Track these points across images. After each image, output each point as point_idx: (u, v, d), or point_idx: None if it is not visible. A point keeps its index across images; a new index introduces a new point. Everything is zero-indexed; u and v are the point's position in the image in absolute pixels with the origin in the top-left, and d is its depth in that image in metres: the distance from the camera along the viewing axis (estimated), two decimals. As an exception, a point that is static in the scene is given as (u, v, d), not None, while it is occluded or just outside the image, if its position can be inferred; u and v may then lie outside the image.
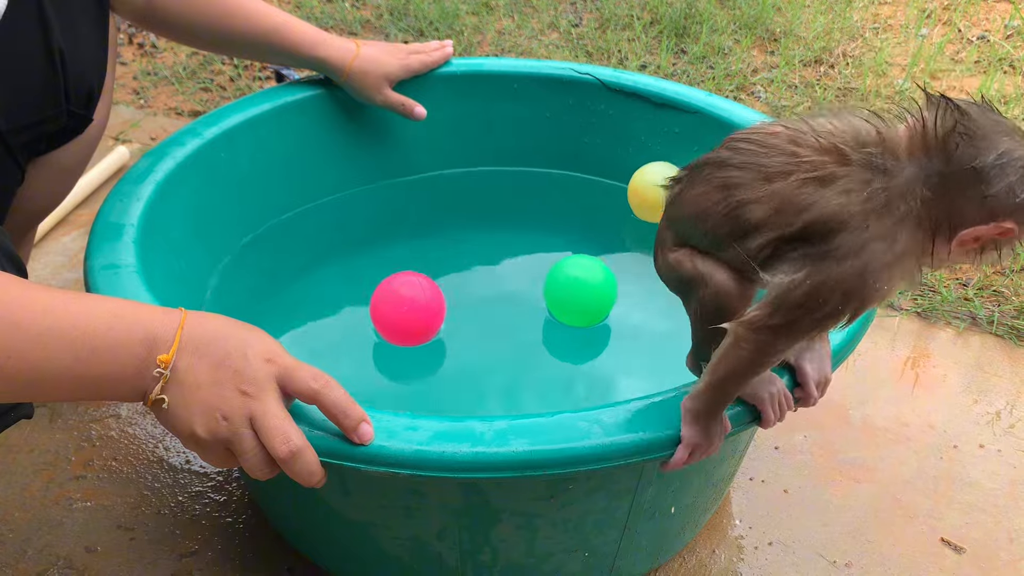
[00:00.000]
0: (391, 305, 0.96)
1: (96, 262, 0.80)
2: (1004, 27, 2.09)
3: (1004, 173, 0.53)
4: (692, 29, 2.03)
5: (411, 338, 0.98)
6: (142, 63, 1.90)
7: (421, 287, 0.97)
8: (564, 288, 1.01)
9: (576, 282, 1.00)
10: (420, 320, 0.97)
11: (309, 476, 0.62)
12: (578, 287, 1.00)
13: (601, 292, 1.01)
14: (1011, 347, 1.21)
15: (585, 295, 1.01)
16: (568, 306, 1.02)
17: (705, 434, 0.65)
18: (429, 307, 0.97)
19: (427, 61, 1.15)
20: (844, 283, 0.56)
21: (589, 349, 1.03)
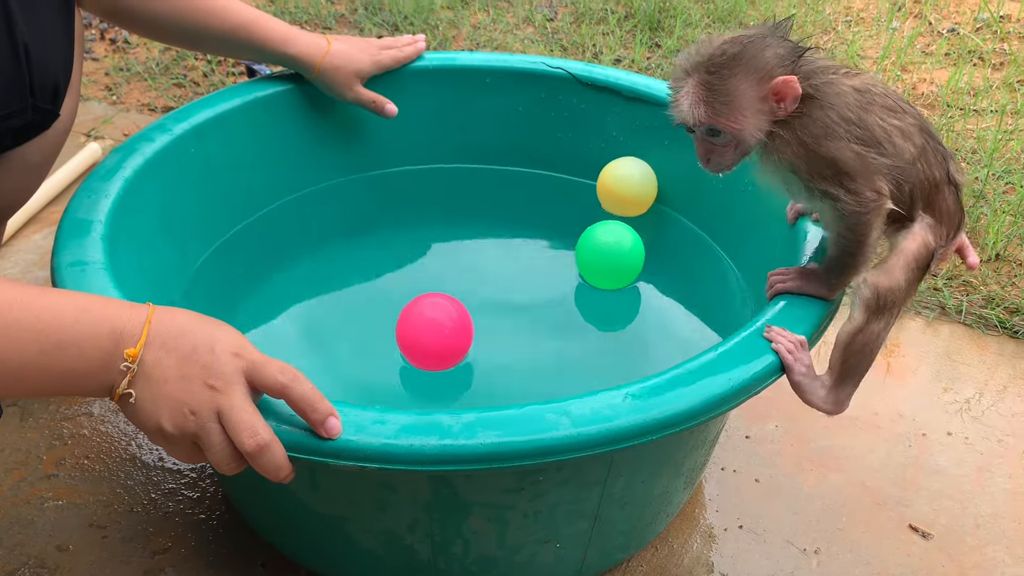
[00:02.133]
0: (423, 332, 0.93)
1: (63, 259, 0.79)
2: (973, 20, 2.12)
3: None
4: (666, 23, 2.04)
5: (441, 363, 0.95)
6: (114, 59, 1.88)
7: (449, 312, 0.94)
8: (599, 252, 1.08)
9: (610, 247, 1.08)
10: (451, 347, 0.94)
11: (276, 470, 0.62)
12: (612, 251, 1.08)
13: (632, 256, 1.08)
14: (979, 336, 1.22)
15: (617, 258, 1.08)
16: (602, 269, 1.09)
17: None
18: (460, 333, 0.94)
19: (399, 57, 1.15)
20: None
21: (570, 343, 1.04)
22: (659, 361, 0.76)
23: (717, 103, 0.72)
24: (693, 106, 0.73)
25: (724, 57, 0.71)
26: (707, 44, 0.73)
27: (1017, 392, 1.13)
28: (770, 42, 0.72)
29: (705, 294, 1.09)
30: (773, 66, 0.71)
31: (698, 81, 0.72)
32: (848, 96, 0.73)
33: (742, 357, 0.72)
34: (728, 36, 0.73)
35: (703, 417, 0.69)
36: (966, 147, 1.61)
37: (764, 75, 0.71)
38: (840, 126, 0.72)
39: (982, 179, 1.49)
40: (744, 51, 0.71)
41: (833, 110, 0.72)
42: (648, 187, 1.13)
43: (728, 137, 0.74)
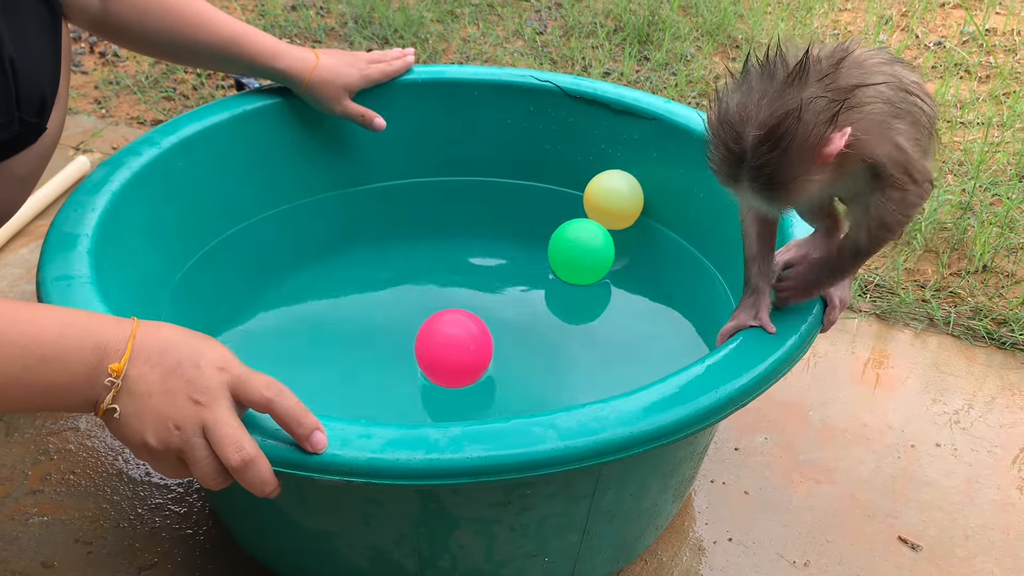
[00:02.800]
0: (446, 349, 0.92)
1: (48, 273, 0.79)
2: (960, 33, 2.14)
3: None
4: (655, 36, 2.05)
5: (463, 379, 0.95)
6: (104, 72, 1.88)
7: (469, 329, 0.94)
8: (568, 249, 1.10)
9: (578, 243, 1.11)
10: (474, 363, 0.94)
11: (262, 485, 0.61)
12: (580, 247, 1.11)
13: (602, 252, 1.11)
14: (967, 347, 1.23)
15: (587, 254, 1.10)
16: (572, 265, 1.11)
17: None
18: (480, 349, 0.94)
19: (388, 71, 1.15)
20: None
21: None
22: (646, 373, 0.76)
23: (780, 197, 0.67)
24: (759, 203, 0.69)
25: (765, 146, 0.65)
26: (732, 115, 0.66)
27: (1005, 403, 1.14)
28: (807, 97, 0.64)
29: (693, 306, 1.09)
30: (819, 133, 0.64)
31: (750, 176, 0.66)
32: (883, 89, 0.68)
33: (730, 369, 0.72)
34: (746, 95, 0.66)
35: (691, 429, 0.69)
36: (953, 159, 1.62)
37: (812, 149, 0.64)
38: (895, 127, 0.69)
39: (969, 191, 1.50)
40: (784, 126, 0.64)
41: (881, 114, 0.68)
42: (634, 200, 1.13)
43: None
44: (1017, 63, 2.00)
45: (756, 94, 0.66)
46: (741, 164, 0.66)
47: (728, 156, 0.67)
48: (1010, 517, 0.99)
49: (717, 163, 0.69)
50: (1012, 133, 1.69)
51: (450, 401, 0.99)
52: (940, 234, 1.43)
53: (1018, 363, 1.20)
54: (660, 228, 1.15)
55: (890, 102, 0.69)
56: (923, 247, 1.40)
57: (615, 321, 1.11)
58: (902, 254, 1.37)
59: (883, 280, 1.33)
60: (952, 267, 1.37)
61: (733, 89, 0.68)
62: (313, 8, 2.17)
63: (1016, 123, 1.72)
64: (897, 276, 1.32)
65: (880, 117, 0.68)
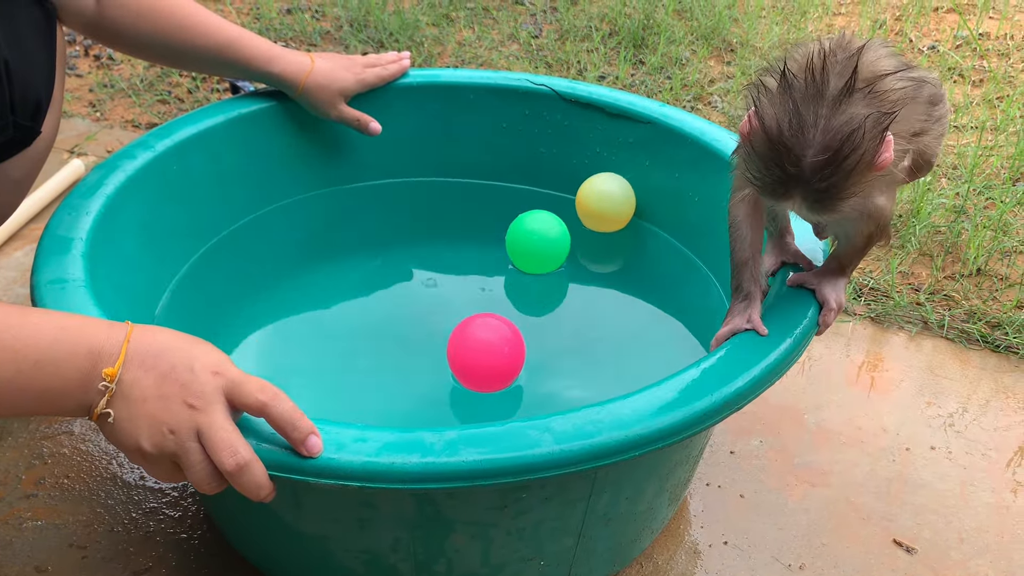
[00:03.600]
0: (481, 353, 0.93)
1: (43, 277, 0.79)
2: (953, 38, 2.14)
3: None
4: (650, 40, 2.05)
5: (497, 384, 0.95)
6: (99, 75, 1.88)
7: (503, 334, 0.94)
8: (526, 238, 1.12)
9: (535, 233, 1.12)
10: (509, 367, 0.94)
11: (257, 489, 0.61)
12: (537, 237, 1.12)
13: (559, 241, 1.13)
14: (962, 350, 1.23)
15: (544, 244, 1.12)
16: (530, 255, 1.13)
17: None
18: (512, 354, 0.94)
19: (383, 75, 1.15)
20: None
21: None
22: (641, 377, 0.77)
23: (834, 210, 0.67)
24: (807, 214, 0.69)
25: (829, 169, 0.65)
26: (788, 138, 0.65)
27: (999, 406, 1.14)
28: (861, 116, 0.65)
29: (688, 309, 1.09)
30: (875, 148, 0.65)
31: (808, 196, 0.67)
32: (901, 77, 0.69)
33: (725, 372, 0.72)
34: (796, 115, 0.65)
35: (686, 433, 0.69)
36: (947, 163, 1.62)
37: (872, 162, 0.65)
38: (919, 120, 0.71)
39: (963, 194, 1.50)
40: (846, 148, 0.64)
41: (905, 96, 0.68)
42: (626, 202, 1.14)
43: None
44: (1010, 67, 2.00)
45: (809, 114, 0.65)
46: (798, 184, 0.66)
47: (783, 177, 0.66)
48: (1004, 520, 0.99)
49: (768, 183, 0.68)
50: (1005, 137, 1.70)
51: (451, 403, 0.98)
52: (934, 237, 1.43)
53: (1012, 366, 1.21)
54: (654, 230, 1.15)
55: (908, 77, 0.70)
56: (917, 250, 1.40)
57: (610, 323, 1.11)
58: (896, 257, 1.38)
59: (877, 283, 1.33)
60: (946, 270, 1.37)
61: (775, 104, 0.67)
62: (308, 11, 2.17)
63: (1009, 127, 1.73)
64: (891, 279, 1.33)
65: (908, 91, 0.69)
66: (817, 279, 0.82)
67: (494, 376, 0.94)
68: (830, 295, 0.81)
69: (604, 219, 1.14)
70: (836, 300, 0.81)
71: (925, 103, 0.72)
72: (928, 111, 0.73)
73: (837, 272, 0.82)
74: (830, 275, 0.82)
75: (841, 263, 0.82)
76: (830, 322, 0.81)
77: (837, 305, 0.81)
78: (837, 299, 0.81)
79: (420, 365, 1.02)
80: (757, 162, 0.68)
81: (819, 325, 0.81)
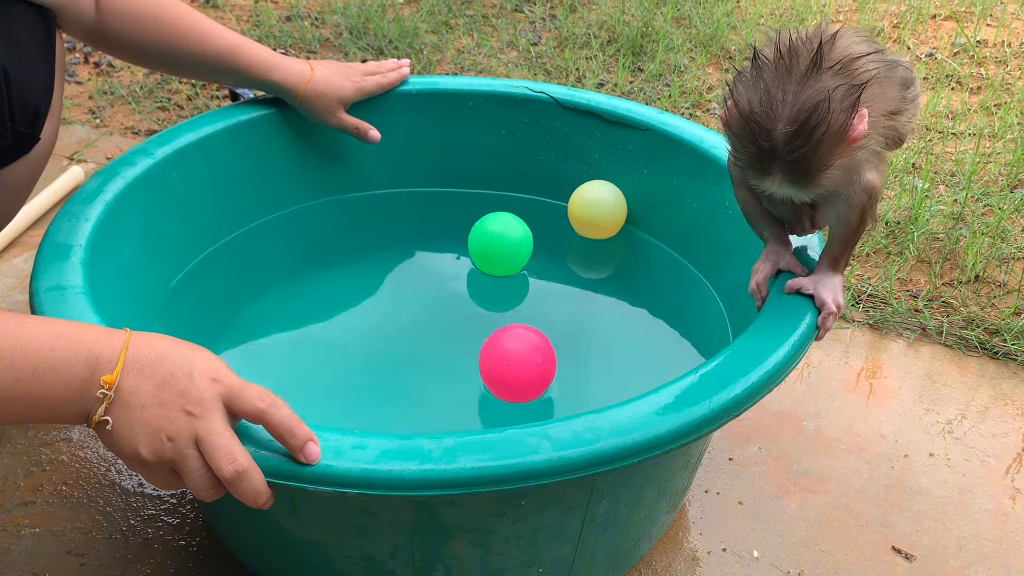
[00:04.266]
0: (514, 365, 0.93)
1: (42, 283, 0.79)
2: (951, 45, 2.15)
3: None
4: (648, 47, 2.06)
5: (529, 395, 0.96)
6: (98, 82, 1.88)
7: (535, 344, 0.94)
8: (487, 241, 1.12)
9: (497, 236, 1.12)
10: (542, 377, 0.95)
11: (255, 497, 0.61)
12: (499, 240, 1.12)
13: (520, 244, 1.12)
14: (960, 357, 1.23)
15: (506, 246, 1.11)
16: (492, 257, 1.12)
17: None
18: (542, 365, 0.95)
19: (383, 83, 1.16)
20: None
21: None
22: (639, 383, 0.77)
23: (812, 185, 0.70)
24: (789, 192, 0.71)
25: (799, 140, 0.67)
26: (758, 114, 0.69)
27: (998, 413, 1.14)
28: (828, 87, 0.67)
29: (685, 317, 1.09)
30: (846, 119, 0.67)
31: (784, 169, 0.69)
32: (874, 59, 0.71)
33: (723, 379, 0.72)
34: (766, 92, 0.68)
35: (685, 440, 0.69)
36: (945, 169, 1.63)
37: (843, 133, 0.68)
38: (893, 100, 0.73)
39: (961, 201, 1.50)
40: (814, 118, 0.67)
41: (882, 95, 0.71)
42: (618, 210, 1.14)
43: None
44: (1008, 74, 2.01)
45: (777, 90, 0.68)
46: (773, 159, 0.69)
47: (758, 153, 0.70)
48: (1003, 527, 0.99)
49: (746, 160, 0.71)
50: (1003, 144, 1.70)
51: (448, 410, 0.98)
52: (932, 244, 1.43)
53: (1010, 373, 1.21)
54: (646, 237, 1.16)
55: (882, 60, 0.72)
56: (915, 257, 1.40)
57: (605, 330, 1.12)
58: (894, 264, 1.38)
59: (875, 290, 1.33)
60: (944, 277, 1.37)
61: (747, 86, 0.70)
62: (308, 19, 2.18)
63: (1007, 134, 1.73)
64: (890, 286, 1.33)
65: (882, 72, 0.71)
66: (813, 283, 0.83)
67: (527, 387, 0.94)
68: (827, 297, 0.81)
69: (596, 226, 1.15)
70: (834, 301, 0.81)
71: (898, 84, 0.74)
72: (902, 93, 0.75)
73: (831, 270, 0.83)
74: (825, 276, 0.83)
75: (834, 256, 0.82)
76: (830, 325, 0.81)
77: (836, 307, 0.81)
78: (835, 300, 0.81)
79: (419, 374, 1.02)
80: (736, 143, 0.71)
81: (819, 328, 0.81)
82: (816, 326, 0.81)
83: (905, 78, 0.76)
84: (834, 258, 0.82)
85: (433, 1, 2.25)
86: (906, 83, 0.76)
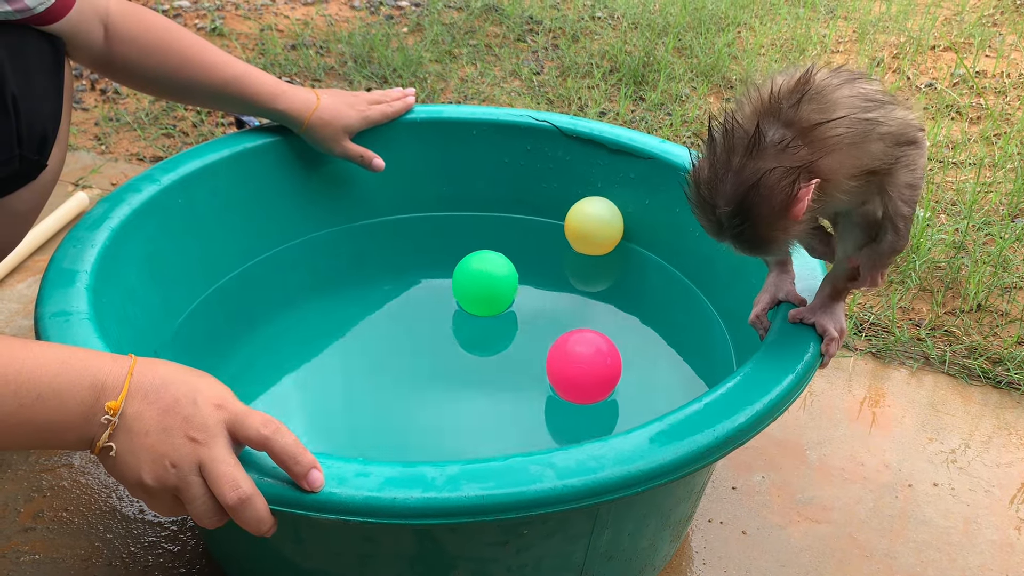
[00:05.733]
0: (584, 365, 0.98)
1: (47, 309, 0.79)
2: (950, 75, 2.17)
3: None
4: (650, 77, 2.07)
5: (596, 396, 1.00)
6: (104, 109, 1.90)
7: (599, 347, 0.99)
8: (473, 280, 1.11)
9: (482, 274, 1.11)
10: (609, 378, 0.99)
11: (258, 524, 0.61)
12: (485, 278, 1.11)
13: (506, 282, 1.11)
14: (963, 386, 1.23)
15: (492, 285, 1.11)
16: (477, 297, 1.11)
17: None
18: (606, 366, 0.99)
19: (388, 112, 1.16)
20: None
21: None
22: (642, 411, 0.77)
23: (762, 252, 0.73)
24: (747, 254, 0.74)
25: (737, 219, 0.69)
26: (704, 189, 0.71)
27: (1002, 443, 1.14)
28: (764, 168, 0.68)
29: (689, 343, 1.09)
30: (783, 198, 0.68)
31: (731, 240, 0.72)
32: (845, 120, 0.71)
33: (728, 408, 0.72)
34: (712, 168, 0.70)
35: (689, 468, 0.68)
36: (946, 199, 1.63)
37: (781, 212, 0.68)
38: (872, 135, 0.72)
39: (962, 230, 1.51)
40: (750, 199, 0.68)
41: (851, 135, 0.70)
42: (614, 225, 1.16)
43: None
44: (1007, 105, 2.02)
45: (721, 167, 0.70)
46: (721, 230, 0.72)
47: (708, 224, 0.73)
48: (1009, 558, 0.98)
49: (703, 226, 0.74)
50: (1003, 173, 1.71)
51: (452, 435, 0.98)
52: (934, 273, 1.43)
53: (1014, 402, 1.20)
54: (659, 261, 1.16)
55: (859, 119, 0.71)
56: (917, 286, 1.41)
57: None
58: (896, 293, 1.38)
59: (878, 319, 1.33)
60: (947, 306, 1.37)
61: (704, 156, 0.72)
62: (312, 47, 2.20)
63: (1007, 164, 1.74)
64: (892, 315, 1.33)
65: (851, 135, 0.70)
66: (812, 312, 0.83)
67: (595, 387, 0.99)
68: (829, 324, 0.82)
69: (592, 242, 1.16)
70: (836, 327, 0.82)
71: (879, 142, 0.71)
72: (889, 152, 0.72)
73: (831, 299, 0.83)
74: (825, 304, 0.83)
75: (836, 287, 0.82)
76: (833, 351, 0.81)
77: (839, 332, 0.81)
78: (837, 326, 0.82)
79: (426, 399, 1.02)
80: (692, 209, 0.74)
81: (823, 356, 0.81)
82: (820, 353, 0.81)
83: (900, 136, 0.73)
84: (836, 289, 0.82)
85: (437, 31, 2.28)
86: (900, 141, 0.73)
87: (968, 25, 2.45)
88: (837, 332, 0.81)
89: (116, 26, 0.96)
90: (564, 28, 2.34)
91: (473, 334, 1.14)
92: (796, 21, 2.44)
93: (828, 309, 0.83)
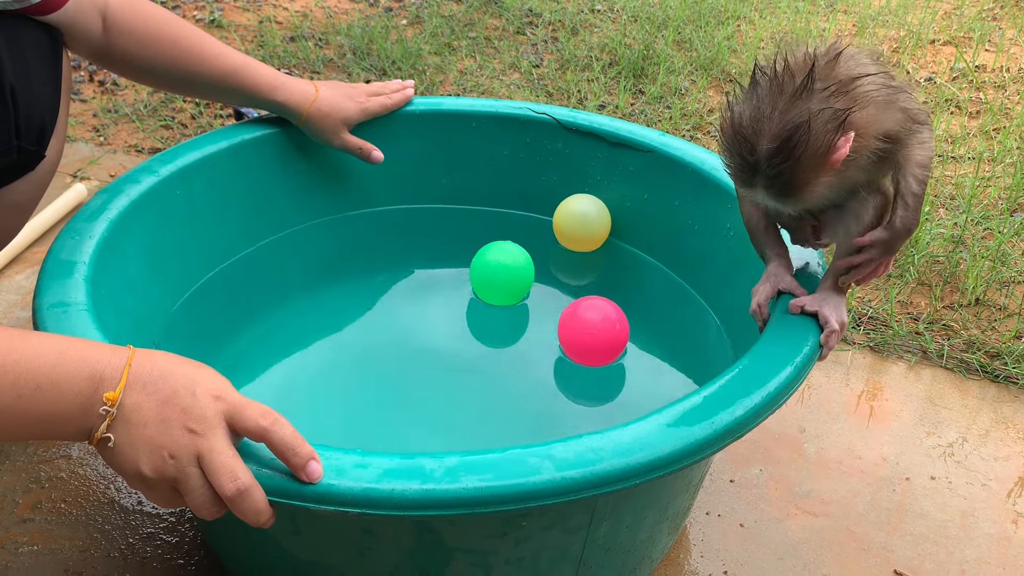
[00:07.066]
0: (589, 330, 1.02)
1: (45, 300, 0.79)
2: (950, 69, 2.16)
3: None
4: (649, 70, 2.07)
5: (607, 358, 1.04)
6: (102, 100, 1.89)
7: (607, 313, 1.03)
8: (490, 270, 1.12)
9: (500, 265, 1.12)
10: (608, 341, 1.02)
11: (257, 515, 0.61)
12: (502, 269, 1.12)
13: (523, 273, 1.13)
14: (961, 380, 1.23)
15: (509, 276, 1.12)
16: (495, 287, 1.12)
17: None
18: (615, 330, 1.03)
19: (387, 104, 1.16)
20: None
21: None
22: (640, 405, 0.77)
23: (793, 200, 0.73)
24: (773, 204, 0.74)
25: (779, 158, 0.70)
26: (746, 127, 0.71)
27: (999, 436, 1.14)
28: (814, 110, 0.69)
29: (685, 338, 1.09)
30: (828, 141, 0.69)
31: (765, 183, 0.72)
32: (877, 77, 0.73)
33: (725, 400, 0.72)
34: (756, 107, 0.71)
35: (687, 461, 0.68)
36: (945, 193, 1.63)
37: (825, 155, 0.70)
38: (898, 97, 0.74)
39: (961, 224, 1.51)
40: (795, 138, 0.69)
41: (881, 92, 0.73)
42: (601, 223, 1.16)
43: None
44: (1006, 99, 2.02)
45: (767, 107, 0.71)
46: (756, 172, 0.72)
47: (743, 164, 0.73)
48: (1006, 551, 0.98)
49: (732, 170, 0.74)
50: (1002, 168, 1.71)
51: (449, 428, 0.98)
52: (933, 267, 1.44)
53: (1011, 396, 1.21)
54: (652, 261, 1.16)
55: (885, 84, 0.74)
56: (916, 280, 1.41)
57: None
58: (895, 287, 1.38)
59: (876, 312, 1.33)
60: (945, 300, 1.37)
61: (743, 99, 0.73)
62: (311, 39, 2.19)
63: (1006, 158, 1.74)
64: (890, 308, 1.33)
65: (882, 95, 0.73)
66: (815, 302, 0.83)
67: (605, 350, 1.02)
68: (831, 315, 0.82)
69: (579, 240, 1.16)
70: (837, 319, 0.82)
71: (901, 112, 0.75)
72: (906, 123, 0.75)
73: (834, 290, 0.83)
74: (828, 295, 0.83)
75: (837, 279, 0.83)
76: (833, 343, 0.82)
77: (839, 324, 0.82)
78: (838, 318, 0.82)
79: (425, 389, 1.02)
80: (725, 152, 0.74)
81: (822, 347, 0.81)
82: (819, 344, 0.81)
83: (914, 112, 0.76)
84: (837, 280, 0.82)
85: (436, 23, 2.27)
86: (916, 118, 0.76)
87: (968, 19, 2.44)
88: (838, 324, 0.81)
89: (115, 17, 0.96)
90: (563, 21, 2.34)
91: (472, 323, 1.14)
92: (796, 15, 2.43)
93: (831, 300, 0.83)
